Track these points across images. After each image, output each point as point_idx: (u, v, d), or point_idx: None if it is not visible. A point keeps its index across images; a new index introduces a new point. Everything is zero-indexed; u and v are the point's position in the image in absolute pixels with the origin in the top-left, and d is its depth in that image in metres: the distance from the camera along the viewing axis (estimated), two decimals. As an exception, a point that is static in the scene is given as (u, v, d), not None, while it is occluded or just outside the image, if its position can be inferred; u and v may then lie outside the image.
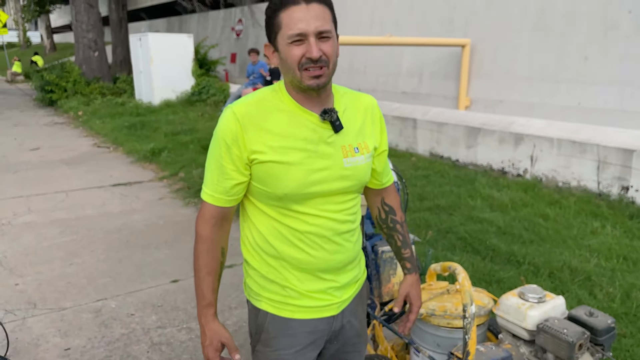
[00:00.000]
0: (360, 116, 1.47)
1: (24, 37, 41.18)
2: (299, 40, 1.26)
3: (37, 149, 8.43)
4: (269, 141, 1.32)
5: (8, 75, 23.16)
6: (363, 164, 1.43)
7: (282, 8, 1.27)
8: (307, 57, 1.26)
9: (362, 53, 14.32)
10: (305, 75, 1.28)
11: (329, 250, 1.42)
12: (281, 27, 1.27)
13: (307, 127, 1.35)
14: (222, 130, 1.33)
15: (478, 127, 5.96)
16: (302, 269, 1.43)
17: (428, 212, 4.68)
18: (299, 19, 1.25)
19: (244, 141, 1.32)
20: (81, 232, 4.70)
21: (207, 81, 11.53)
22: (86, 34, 13.65)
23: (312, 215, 1.38)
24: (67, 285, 3.67)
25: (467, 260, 3.71)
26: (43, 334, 3.04)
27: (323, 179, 1.36)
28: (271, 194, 1.35)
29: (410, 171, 6.00)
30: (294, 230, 1.39)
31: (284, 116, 1.35)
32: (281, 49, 1.29)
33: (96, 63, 13.93)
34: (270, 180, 1.33)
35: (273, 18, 1.29)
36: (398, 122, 7.09)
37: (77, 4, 13.46)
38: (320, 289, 1.45)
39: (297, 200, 1.36)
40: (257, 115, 1.33)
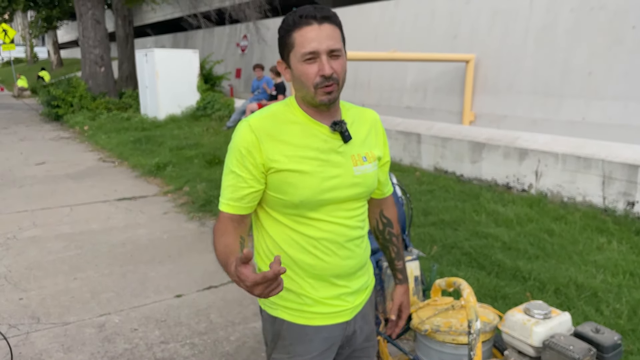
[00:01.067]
0: (366, 128, 1.56)
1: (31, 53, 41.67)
2: (311, 58, 1.34)
3: (43, 163, 8.47)
4: (284, 151, 1.40)
5: (15, 90, 23.39)
6: (371, 171, 1.52)
7: (295, 28, 1.35)
8: (320, 74, 1.35)
9: (366, 68, 14.41)
10: (319, 91, 1.36)
11: (341, 256, 1.49)
12: (294, 46, 1.36)
13: (319, 138, 1.44)
14: (239, 141, 1.41)
15: (483, 142, 5.97)
16: (316, 276, 1.49)
17: (433, 227, 4.66)
18: (312, 39, 1.33)
19: (260, 151, 1.38)
20: (85, 246, 4.70)
21: (212, 96, 11.61)
22: (93, 49, 13.80)
23: (325, 222, 1.45)
24: (70, 299, 3.67)
25: (473, 275, 3.69)
26: (46, 349, 3.03)
27: (336, 186, 1.44)
28: (287, 202, 1.42)
29: (415, 186, 5.99)
30: (308, 237, 1.46)
31: (296, 128, 1.43)
32: (294, 66, 1.38)
33: (102, 78, 14.06)
34: (287, 188, 1.40)
35: (286, 37, 1.37)
36: (402, 136, 7.11)
37: (84, 20, 13.63)
38: (334, 295, 1.52)
39: (312, 207, 1.43)
40: (271, 128, 1.41)
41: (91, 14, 13.58)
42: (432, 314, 2.14)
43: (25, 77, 25.26)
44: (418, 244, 4.29)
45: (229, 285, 3.89)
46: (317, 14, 1.35)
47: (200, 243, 4.80)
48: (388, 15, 14.21)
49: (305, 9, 1.36)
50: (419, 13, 13.41)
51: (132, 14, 20.14)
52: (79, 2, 13.59)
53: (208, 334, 3.22)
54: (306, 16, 1.34)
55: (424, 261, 3.93)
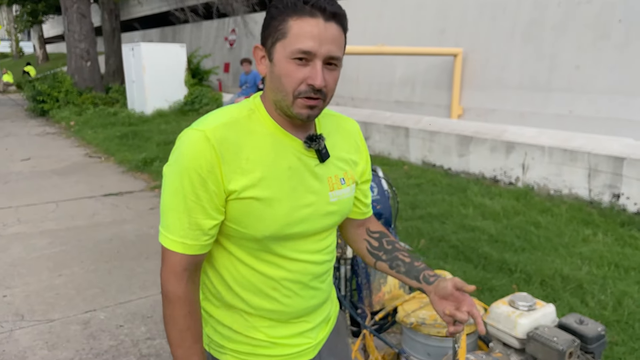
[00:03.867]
0: (345, 142, 1.30)
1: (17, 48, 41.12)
2: (303, 59, 1.05)
3: (28, 159, 8.37)
4: (249, 173, 1.10)
5: (0, 85, 23.08)
6: (348, 197, 1.27)
7: (294, 14, 1.05)
8: (308, 83, 1.06)
9: (355, 62, 14.39)
10: (299, 102, 1.08)
11: (304, 297, 1.25)
12: (286, 36, 1.05)
13: (292, 155, 1.15)
14: (194, 159, 1.06)
15: (470, 136, 5.98)
16: (273, 318, 1.25)
17: (420, 220, 4.67)
18: (312, 35, 1.04)
19: (222, 173, 1.08)
20: (71, 242, 4.65)
21: (200, 91, 11.53)
22: (78, 43, 13.63)
23: (290, 260, 1.19)
24: (55, 296, 3.63)
25: (459, 268, 3.70)
26: (30, 346, 2.99)
27: (307, 216, 1.17)
28: (247, 235, 1.14)
29: (403, 180, 6.00)
30: (267, 278, 1.19)
31: (265, 141, 1.13)
32: (278, 60, 1.08)
33: (88, 73, 13.90)
34: (249, 220, 1.12)
35: (277, 21, 1.06)
36: (390, 130, 7.11)
37: (69, 14, 13.45)
38: (293, 334, 1.28)
39: (276, 242, 1.16)
40: (234, 140, 1.10)
41: (76, 7, 13.41)
42: (418, 307, 2.14)
43: (10, 72, 24.92)
44: (406, 238, 4.29)
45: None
46: (327, 7, 1.05)
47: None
48: (376, 9, 14.19)
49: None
50: (407, 7, 13.41)
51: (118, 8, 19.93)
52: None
53: (195, 329, 3.20)
54: (313, 4, 1.04)
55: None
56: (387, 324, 2.51)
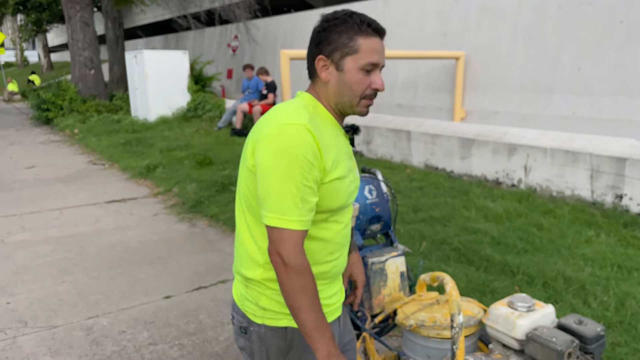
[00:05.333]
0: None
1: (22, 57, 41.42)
2: (370, 70, 1.35)
3: (32, 167, 8.42)
4: (331, 156, 1.33)
5: (5, 94, 23.24)
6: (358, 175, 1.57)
7: (362, 34, 1.33)
8: (372, 87, 1.35)
9: (357, 67, 14.41)
10: (363, 102, 1.37)
11: (345, 256, 1.52)
12: (358, 52, 1.33)
13: (343, 141, 1.45)
14: (301, 146, 1.26)
15: (472, 138, 5.98)
16: (326, 279, 1.47)
17: (422, 223, 4.67)
18: (377, 51, 1.34)
19: (322, 157, 1.30)
20: (74, 249, 4.68)
21: (202, 97, 11.57)
22: (82, 52, 13.72)
23: (342, 224, 1.46)
24: (58, 303, 3.65)
25: (461, 270, 3.69)
26: (33, 353, 3.01)
27: (355, 188, 1.47)
28: (324, 208, 1.36)
29: (405, 183, 6.00)
30: (326, 242, 1.43)
31: (330, 130, 1.39)
32: (348, 71, 1.34)
33: (92, 81, 13.98)
34: (331, 195, 1.35)
35: (346, 38, 1.33)
36: (392, 134, 7.11)
37: (72, 22, 13.55)
38: (332, 294, 1.51)
39: (341, 210, 1.44)
40: (319, 131, 1.32)
41: (80, 16, 13.50)
42: (417, 309, 2.14)
43: (15, 81, 25.10)
44: (407, 241, 4.29)
45: (218, 286, 3.88)
46: (382, 28, 1.38)
47: (190, 244, 4.78)
48: (377, 13, 14.22)
49: (366, 18, 1.35)
50: (408, 11, 13.43)
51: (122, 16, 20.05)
52: (68, 5, 13.50)
53: (197, 334, 3.21)
54: (374, 27, 1.34)
55: (412, 257, 3.94)
56: (387, 326, 2.51)
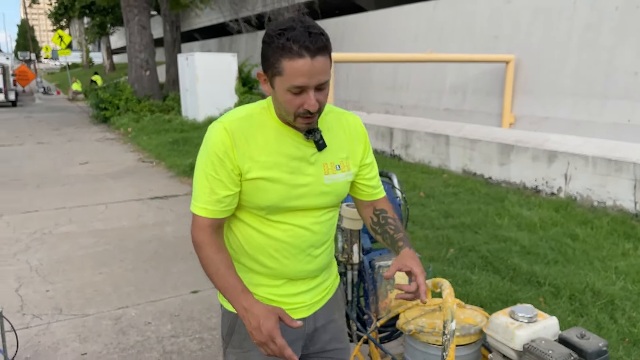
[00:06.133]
0: (344, 135, 1.53)
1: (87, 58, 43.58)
2: (298, 91, 1.28)
3: (86, 163, 8.87)
4: (256, 156, 1.38)
5: (70, 93, 24.53)
6: (343, 181, 1.51)
7: (285, 56, 1.25)
8: (304, 108, 1.30)
9: (405, 70, 14.31)
10: (299, 120, 1.34)
11: (302, 261, 1.49)
12: (282, 74, 1.27)
13: (292, 145, 1.41)
14: (215, 144, 1.36)
15: (511, 144, 5.83)
16: (274, 276, 1.50)
17: (452, 229, 4.60)
18: (302, 73, 1.25)
19: (235, 156, 1.36)
20: (114, 242, 4.90)
21: (249, 98, 11.83)
22: (139, 54, 14.31)
23: (290, 225, 1.45)
24: (93, 292, 3.84)
25: (485, 279, 3.63)
26: (64, 339, 3.19)
27: (304, 194, 1.43)
28: (253, 204, 1.42)
29: (440, 188, 5.92)
30: (271, 239, 1.46)
31: (270, 133, 1.40)
32: (278, 90, 1.31)
33: (147, 82, 14.55)
34: (256, 193, 1.40)
35: (272, 59, 1.27)
36: (431, 138, 7.03)
37: (131, 25, 14.16)
38: (289, 294, 1.52)
39: (278, 212, 1.43)
40: (246, 130, 1.38)
41: (137, 19, 14.09)
42: (418, 315, 2.13)
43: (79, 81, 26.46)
44: (435, 246, 4.25)
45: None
46: (311, 46, 1.24)
47: (223, 241, 4.91)
48: (426, 16, 14.07)
49: (296, 33, 1.24)
50: (459, 13, 13.21)
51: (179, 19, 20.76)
52: (127, 9, 14.13)
53: (217, 329, 3.31)
54: (299, 45, 1.23)
55: (424, 262, 3.90)
56: (397, 331, 2.51)
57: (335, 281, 1.70)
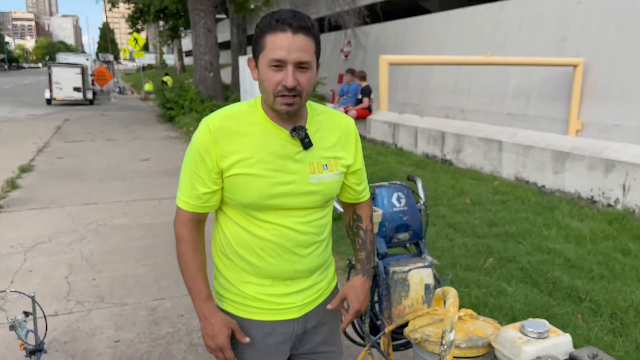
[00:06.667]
0: (335, 135, 1.54)
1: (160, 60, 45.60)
2: (277, 65, 1.32)
3: (147, 159, 9.28)
4: (239, 153, 1.40)
5: (142, 93, 25.77)
6: (331, 180, 1.50)
7: (269, 31, 1.32)
8: (282, 84, 1.33)
9: (467, 73, 13.96)
10: (279, 100, 1.35)
11: (288, 261, 1.49)
12: (264, 49, 1.33)
13: (277, 143, 1.42)
14: (197, 140, 1.42)
15: (566, 152, 5.55)
16: (261, 275, 1.50)
17: (494, 238, 4.45)
18: (282, 46, 1.31)
19: (215, 153, 1.40)
20: (161, 236, 5.11)
21: (306, 100, 11.93)
22: (203, 56, 14.81)
23: (274, 224, 1.45)
24: (134, 283, 4.02)
25: (522, 291, 3.48)
26: (101, 326, 3.36)
27: (287, 192, 1.43)
28: (237, 201, 1.44)
29: (488, 195, 5.73)
30: (256, 237, 1.46)
31: (256, 130, 1.42)
32: (261, 68, 1.36)
33: (211, 83, 15.03)
34: (237, 190, 1.42)
35: (259, 38, 1.35)
36: (483, 143, 6.82)
37: (197, 28, 14.68)
38: (279, 294, 1.52)
39: (260, 209, 1.44)
40: (230, 128, 1.41)
41: (203, 23, 14.58)
42: (427, 323, 2.08)
43: (151, 81, 27.73)
44: (473, 255, 4.12)
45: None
46: (294, 22, 1.31)
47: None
48: (492, 18, 13.65)
49: (283, 14, 1.33)
50: (525, 15, 12.73)
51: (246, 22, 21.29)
52: (194, 12, 14.66)
53: (245, 325, 3.37)
54: (282, 21, 1.31)
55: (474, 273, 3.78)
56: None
57: (332, 283, 1.69)
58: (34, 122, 14.89)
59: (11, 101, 22.93)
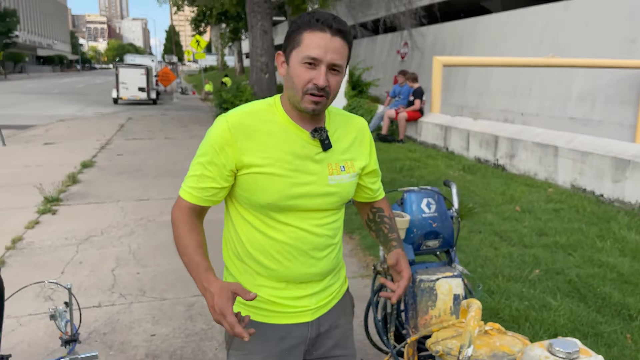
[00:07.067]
0: (351, 137, 1.54)
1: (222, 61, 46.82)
2: (312, 63, 1.33)
3: (201, 158, 9.51)
4: (258, 152, 1.39)
5: (202, 94, 26.54)
6: (348, 182, 1.50)
7: (308, 29, 1.34)
8: (313, 82, 1.33)
9: (528, 75, 13.46)
10: (307, 98, 1.35)
11: (304, 264, 1.48)
12: (300, 45, 1.34)
13: (297, 143, 1.42)
14: (213, 136, 1.41)
15: (627, 159, 5.22)
16: (276, 278, 1.49)
17: (543, 248, 4.25)
18: (319, 45, 1.32)
19: (233, 151, 1.39)
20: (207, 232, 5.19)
21: (357, 102, 11.89)
22: (259, 57, 15.06)
23: (292, 227, 1.44)
24: (175, 279, 4.12)
25: (567, 306, 3.30)
26: (139, 319, 3.46)
27: (306, 193, 1.42)
28: (254, 202, 1.42)
29: (540, 203, 5.48)
30: (272, 240, 1.45)
31: (275, 129, 1.42)
32: (292, 64, 1.37)
33: (266, 84, 15.27)
34: (255, 189, 1.41)
35: (295, 33, 1.35)
36: (538, 149, 6.53)
37: (254, 31, 14.95)
38: (293, 297, 1.51)
39: (279, 211, 1.43)
40: (249, 125, 1.40)
41: (260, 25, 14.84)
42: (450, 336, 2.01)
43: (212, 82, 28.51)
44: (518, 266, 3.95)
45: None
46: (334, 24, 1.33)
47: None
48: (556, 18, 13.09)
49: (324, 15, 1.35)
50: (592, 15, 12.11)
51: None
52: (251, 15, 14.95)
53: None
54: (323, 22, 1.33)
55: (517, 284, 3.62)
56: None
57: (343, 286, 1.68)
58: (100, 120, 15.66)
59: (82, 100, 24.25)
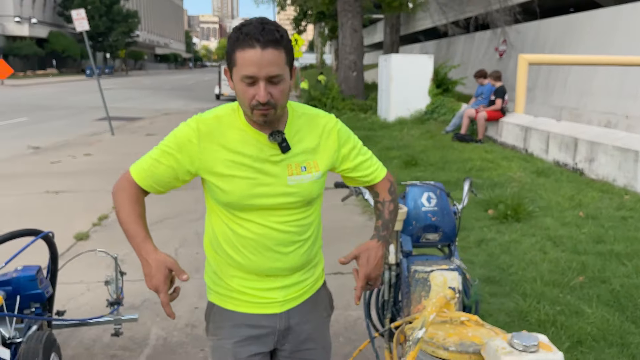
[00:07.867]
0: (315, 136, 1.59)
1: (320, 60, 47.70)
2: (250, 81, 1.36)
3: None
4: (220, 155, 1.48)
5: (297, 91, 27.36)
6: (309, 181, 1.55)
7: (237, 47, 1.36)
8: (256, 99, 1.37)
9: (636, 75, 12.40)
10: (255, 112, 1.41)
11: (269, 258, 1.55)
12: (236, 64, 1.38)
13: (255, 147, 1.49)
14: (181, 133, 1.50)
15: None
16: (244, 270, 1.58)
17: (595, 256, 4.06)
18: (252, 63, 1.34)
19: (195, 151, 1.48)
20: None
21: (441, 101, 11.72)
22: (348, 55, 15.29)
23: (255, 223, 1.53)
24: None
25: (601, 314, 3.18)
26: (187, 294, 3.79)
27: (265, 193, 1.50)
28: (218, 200, 1.54)
29: (610, 210, 5.17)
30: (238, 235, 1.54)
31: (236, 134, 1.50)
32: (235, 82, 1.42)
33: (354, 82, 15.46)
34: (216, 190, 1.51)
35: (230, 52, 1.39)
36: (618, 153, 6.12)
37: (344, 29, 15.20)
38: (261, 288, 1.59)
39: (240, 209, 1.52)
40: (214, 130, 1.50)
41: (350, 23, 15.06)
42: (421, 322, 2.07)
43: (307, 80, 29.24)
44: (562, 271, 3.83)
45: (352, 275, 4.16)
46: (261, 37, 1.33)
47: (359, 235, 5.12)
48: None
49: (251, 27, 1.35)
50: None
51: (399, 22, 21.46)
52: (342, 13, 15.21)
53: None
54: (250, 36, 1.33)
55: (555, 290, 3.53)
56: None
57: (318, 282, 1.73)
58: (198, 114, 16.78)
59: (187, 96, 26.03)
